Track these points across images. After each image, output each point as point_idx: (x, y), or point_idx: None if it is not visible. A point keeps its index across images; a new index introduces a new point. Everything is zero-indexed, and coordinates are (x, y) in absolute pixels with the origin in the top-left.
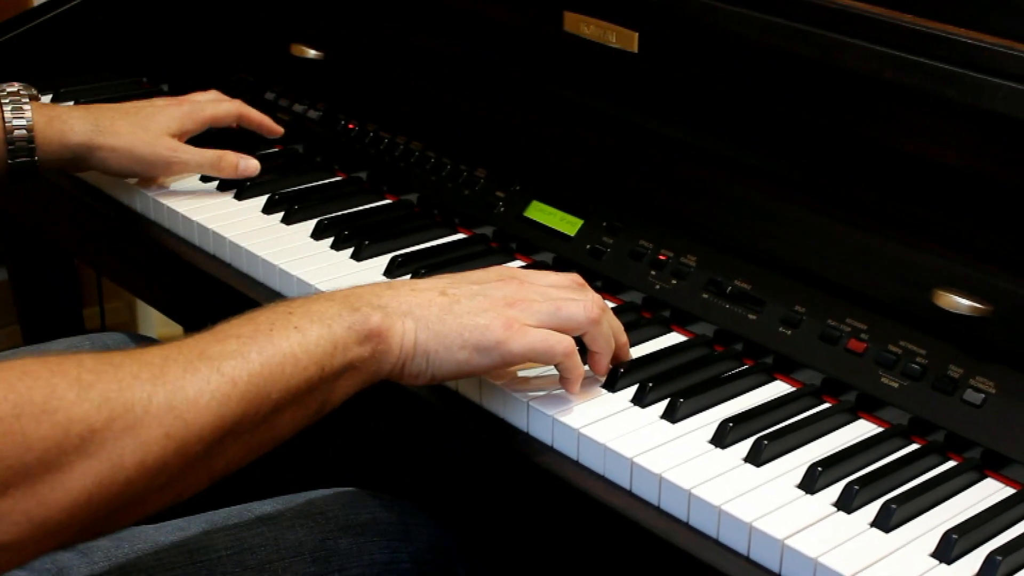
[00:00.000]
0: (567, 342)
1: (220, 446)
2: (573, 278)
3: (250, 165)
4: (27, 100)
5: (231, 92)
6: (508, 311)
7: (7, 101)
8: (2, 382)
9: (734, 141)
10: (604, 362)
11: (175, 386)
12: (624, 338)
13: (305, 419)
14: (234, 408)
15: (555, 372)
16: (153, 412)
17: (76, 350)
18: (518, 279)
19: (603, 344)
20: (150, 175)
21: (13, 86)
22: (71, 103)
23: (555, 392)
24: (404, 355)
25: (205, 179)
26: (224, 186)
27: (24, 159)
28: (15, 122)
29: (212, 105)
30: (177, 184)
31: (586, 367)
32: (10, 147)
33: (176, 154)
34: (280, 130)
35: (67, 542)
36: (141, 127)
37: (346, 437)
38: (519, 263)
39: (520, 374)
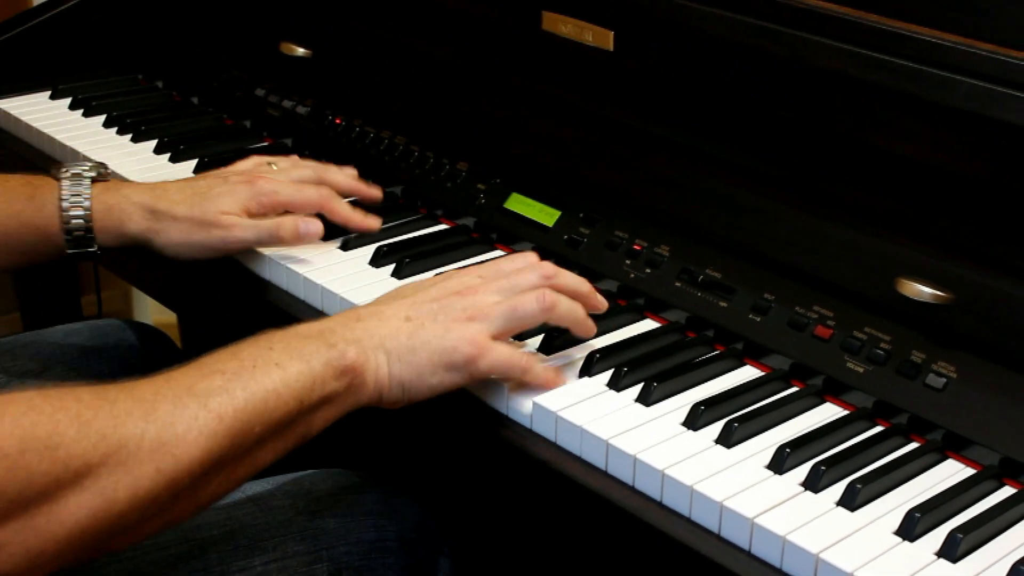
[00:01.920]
0: (525, 360)
1: (206, 479)
2: (527, 258)
3: (311, 229)
4: (89, 184)
5: (224, 90)
6: (470, 326)
7: (67, 185)
8: (8, 417)
9: (706, 136)
10: (580, 328)
11: (165, 423)
12: (586, 287)
13: (284, 450)
14: (220, 442)
15: (530, 351)
16: (145, 448)
17: (74, 384)
18: (473, 287)
19: (570, 320)
20: (209, 255)
21: (80, 165)
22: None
23: None
24: (380, 386)
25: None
26: None
27: (84, 249)
28: (72, 211)
29: (290, 189)
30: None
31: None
32: (67, 237)
33: (231, 233)
34: (375, 224)
35: (59, 568)
36: (199, 209)
37: (335, 422)
38: (499, 253)
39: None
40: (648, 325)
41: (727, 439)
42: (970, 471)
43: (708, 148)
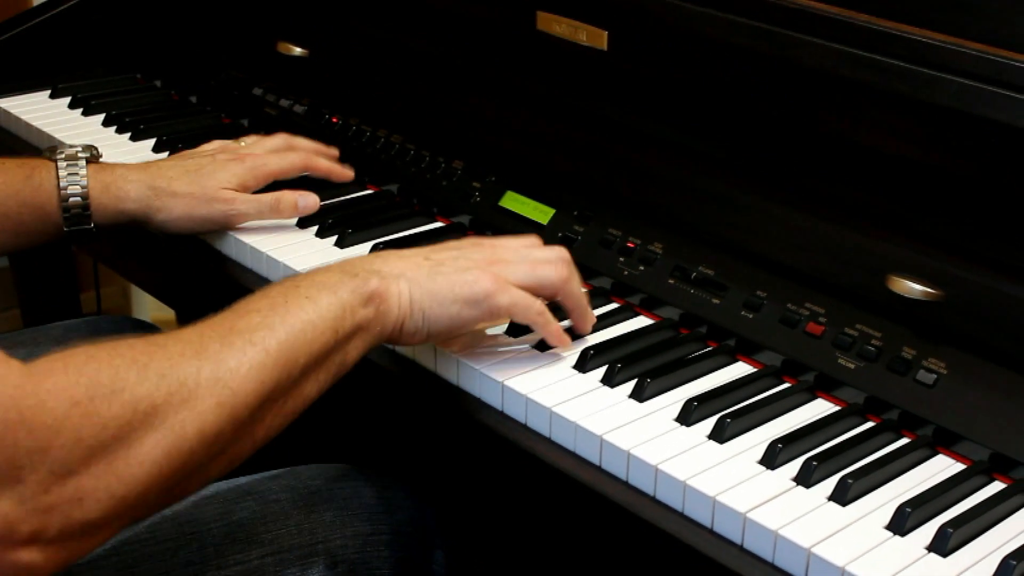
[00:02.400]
0: (540, 303)
1: (261, 412)
2: (534, 239)
3: (309, 202)
4: (84, 164)
5: (222, 89)
6: (490, 267)
7: (64, 165)
8: (72, 368)
9: (699, 134)
10: (581, 315)
11: (217, 359)
12: (585, 303)
13: (327, 381)
14: (270, 374)
15: (525, 347)
16: (204, 384)
17: (120, 337)
18: (489, 245)
19: (574, 301)
20: (212, 231)
21: (74, 147)
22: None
23: (528, 373)
24: (402, 313)
25: None
26: None
27: (81, 226)
28: (70, 189)
29: (276, 159)
30: None
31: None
32: (65, 215)
33: (233, 207)
34: (350, 174)
35: (141, 516)
36: (198, 186)
37: (332, 415)
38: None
39: (489, 332)
40: (641, 322)
41: (720, 435)
42: (960, 466)
43: (701, 146)
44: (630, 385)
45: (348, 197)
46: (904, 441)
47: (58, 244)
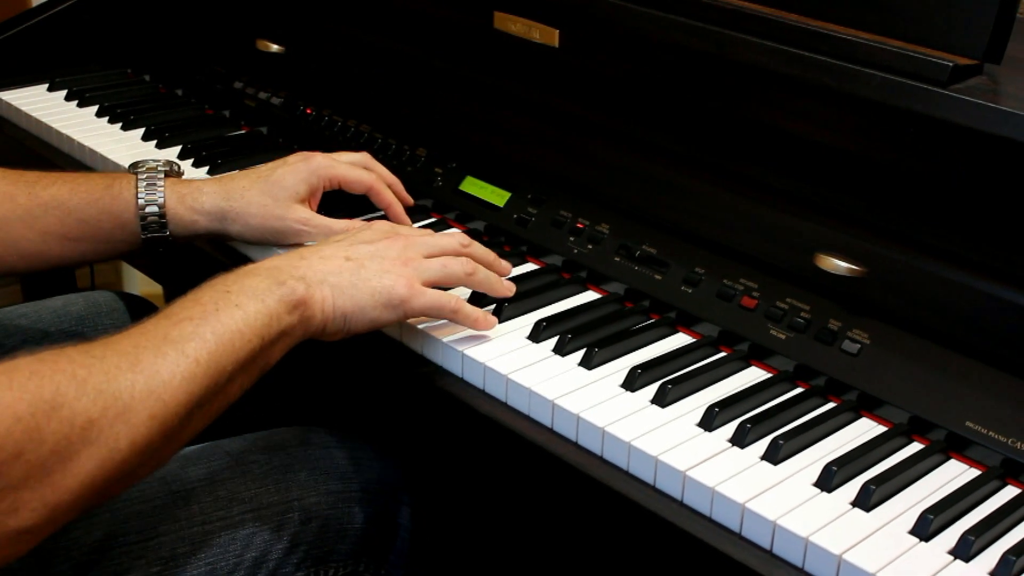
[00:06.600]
0: (454, 300)
1: (189, 418)
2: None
3: None
4: (162, 177)
5: (205, 82)
6: (405, 269)
7: (143, 179)
8: (16, 384)
9: (643, 124)
10: (497, 289)
11: (151, 372)
12: (492, 255)
13: (249, 383)
14: (200, 383)
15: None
16: (137, 397)
17: (61, 346)
18: (401, 234)
19: (488, 286)
20: (283, 244)
21: (157, 161)
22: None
23: (486, 342)
24: (326, 318)
25: (195, 164)
26: (198, 163)
27: (157, 235)
28: (147, 198)
29: (345, 168)
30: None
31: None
32: (142, 222)
33: (307, 227)
34: (408, 222)
35: (71, 519)
36: (271, 196)
37: (305, 381)
38: (455, 231)
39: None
40: (590, 296)
41: (662, 399)
42: (882, 428)
43: (646, 135)
44: (579, 354)
45: None
46: (831, 405)
47: (137, 253)
